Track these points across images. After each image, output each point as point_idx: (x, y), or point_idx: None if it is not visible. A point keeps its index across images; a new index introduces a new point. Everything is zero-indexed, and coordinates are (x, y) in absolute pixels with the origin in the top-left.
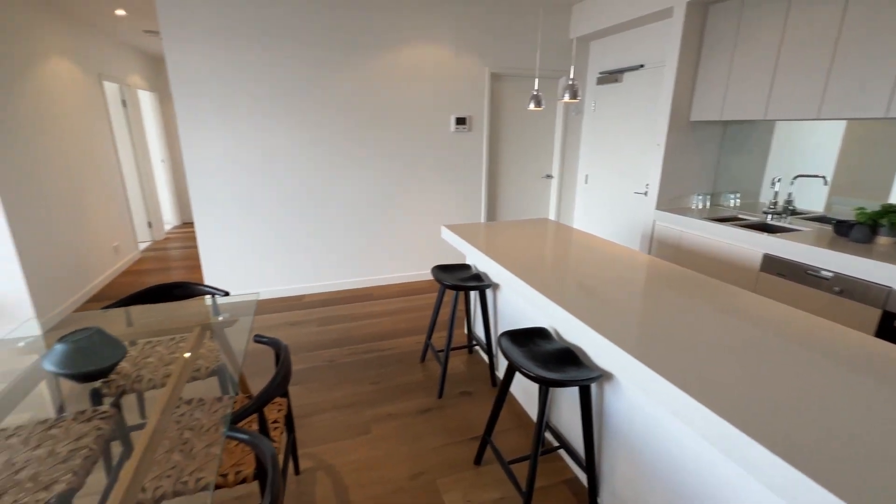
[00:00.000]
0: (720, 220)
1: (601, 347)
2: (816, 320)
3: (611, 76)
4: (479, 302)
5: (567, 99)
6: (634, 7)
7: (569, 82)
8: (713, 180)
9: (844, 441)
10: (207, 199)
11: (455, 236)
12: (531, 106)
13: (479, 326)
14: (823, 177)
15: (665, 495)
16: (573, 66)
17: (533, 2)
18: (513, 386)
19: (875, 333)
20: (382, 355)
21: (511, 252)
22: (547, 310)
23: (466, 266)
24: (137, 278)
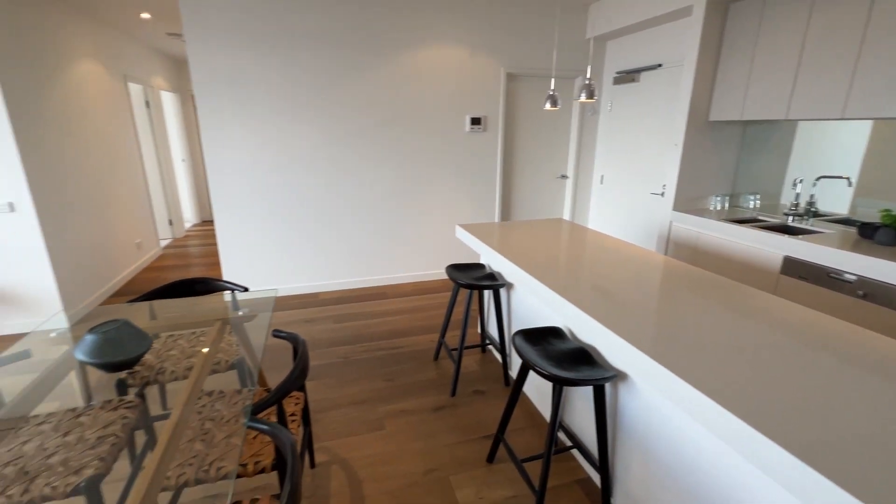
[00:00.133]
0: (739, 222)
1: (616, 347)
2: (838, 323)
3: (628, 76)
4: (493, 301)
5: (583, 99)
6: (653, 6)
7: (585, 82)
8: (732, 181)
9: (864, 443)
10: (227, 198)
11: (469, 235)
12: (547, 106)
13: (493, 326)
14: (848, 178)
15: (679, 496)
16: (590, 66)
17: (549, 2)
18: (526, 385)
19: None
20: (396, 353)
21: (526, 251)
22: (561, 309)
23: (480, 265)
24: (159, 274)
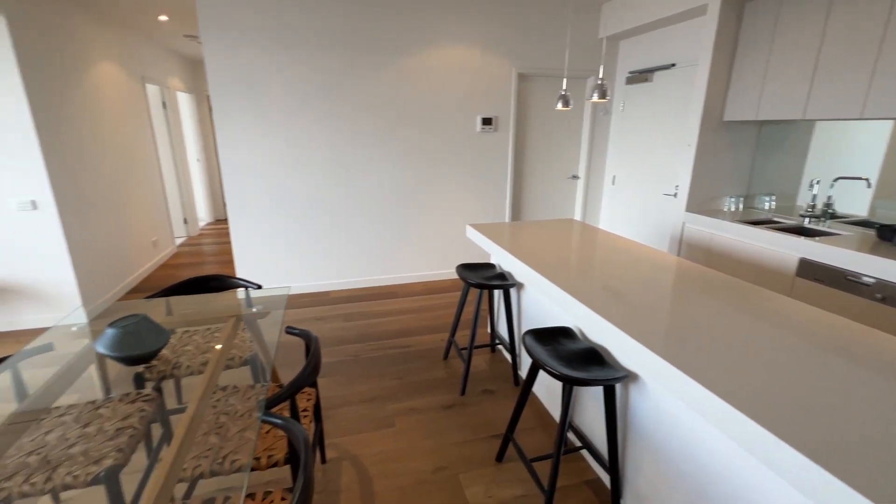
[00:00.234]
0: (754, 223)
1: (628, 348)
2: (855, 326)
3: (640, 75)
4: (503, 301)
5: (595, 99)
6: (667, 5)
7: (597, 82)
8: (747, 182)
9: (879, 446)
10: (241, 197)
11: (480, 235)
12: (559, 106)
13: (502, 325)
14: (867, 179)
15: (690, 497)
16: (602, 66)
17: (562, 1)
18: (535, 385)
19: None
20: (406, 351)
21: (537, 251)
22: (572, 309)
23: (491, 265)
24: (174, 272)
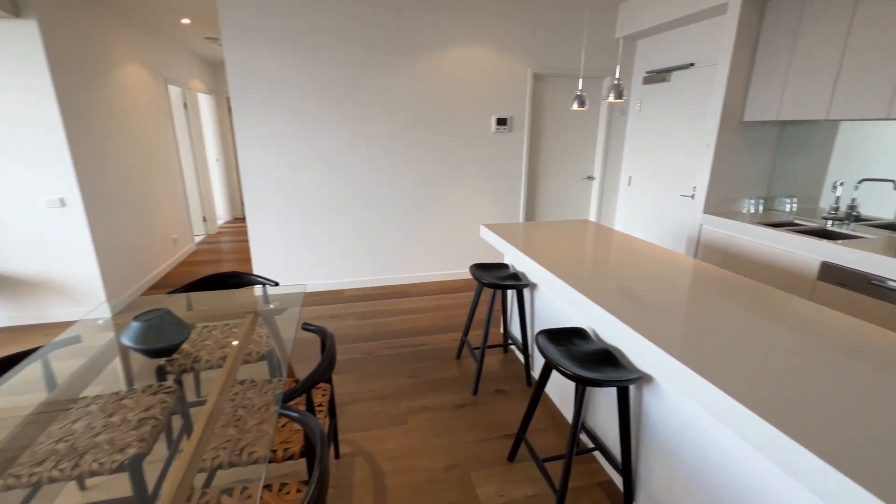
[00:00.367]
0: (774, 226)
1: (643, 349)
2: (878, 330)
3: (658, 75)
4: (516, 301)
5: (612, 99)
6: (686, 4)
7: (614, 82)
8: (767, 184)
9: None
10: (259, 197)
11: (494, 235)
12: (574, 106)
13: (515, 326)
14: (893, 181)
15: (704, 500)
16: (619, 66)
17: (578, 1)
18: (548, 386)
19: None
20: (419, 350)
21: (551, 252)
22: (586, 310)
23: (504, 265)
24: (193, 269)
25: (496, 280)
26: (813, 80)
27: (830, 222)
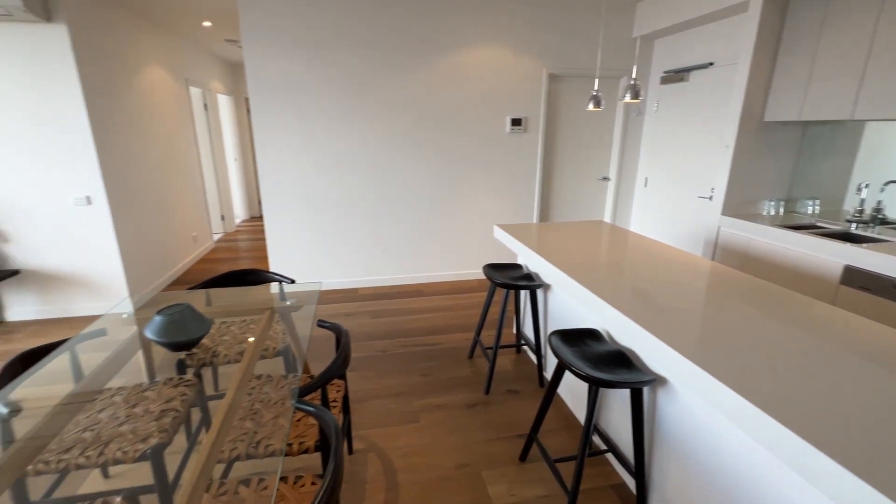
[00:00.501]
0: (795, 228)
1: (658, 351)
2: None
3: (676, 75)
4: (530, 302)
5: (628, 99)
6: (706, 2)
7: (630, 82)
8: (788, 185)
9: None
10: (276, 196)
11: (508, 236)
12: (590, 106)
13: (528, 326)
14: None
15: None
16: (635, 66)
17: (595, 1)
18: (560, 387)
19: None
20: (432, 349)
21: (565, 253)
22: (600, 311)
23: (517, 265)
24: (212, 266)
25: (509, 280)
26: (837, 80)
27: (854, 225)
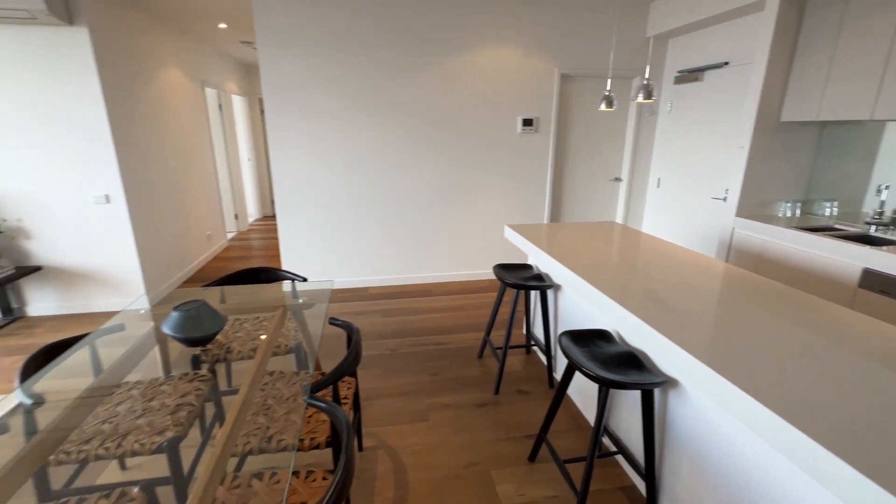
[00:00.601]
0: (813, 230)
1: (669, 353)
2: None
3: (690, 75)
4: (540, 302)
5: (641, 99)
6: (721, 1)
7: (643, 82)
8: (805, 187)
9: None
10: (289, 195)
11: (518, 236)
12: (602, 107)
13: (538, 327)
14: None
15: None
16: (648, 66)
17: (608, 1)
18: (570, 389)
19: None
20: (441, 349)
21: (576, 253)
22: (611, 312)
23: (528, 266)
24: (226, 264)
25: (520, 281)
26: (856, 79)
27: (874, 227)
